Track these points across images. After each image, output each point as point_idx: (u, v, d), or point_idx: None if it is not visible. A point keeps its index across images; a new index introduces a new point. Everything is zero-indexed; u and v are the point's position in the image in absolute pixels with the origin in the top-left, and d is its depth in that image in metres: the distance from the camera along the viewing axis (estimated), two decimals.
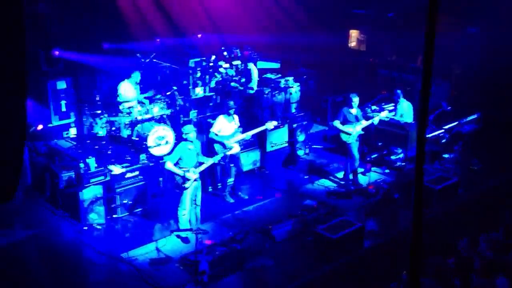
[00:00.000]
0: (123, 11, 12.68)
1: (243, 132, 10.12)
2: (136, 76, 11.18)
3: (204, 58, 13.20)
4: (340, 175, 11.18)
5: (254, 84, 12.72)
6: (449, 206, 9.89)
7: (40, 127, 10.80)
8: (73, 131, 11.38)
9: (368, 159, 11.44)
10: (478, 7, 13.10)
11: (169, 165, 8.72)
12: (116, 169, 9.47)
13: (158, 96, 11.28)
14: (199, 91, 12.89)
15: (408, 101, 11.81)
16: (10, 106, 2.81)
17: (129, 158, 9.96)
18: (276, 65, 14.77)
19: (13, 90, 2.81)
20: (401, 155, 11.83)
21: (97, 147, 10.10)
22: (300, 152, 12.02)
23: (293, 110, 12.97)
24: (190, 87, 12.65)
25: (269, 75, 13.52)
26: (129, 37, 12.52)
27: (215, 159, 9.18)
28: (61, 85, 11.65)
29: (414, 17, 12.73)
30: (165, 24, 13.35)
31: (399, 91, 11.80)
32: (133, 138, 10.32)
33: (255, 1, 14.59)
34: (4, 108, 2.79)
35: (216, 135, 9.89)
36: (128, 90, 11.11)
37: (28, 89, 2.95)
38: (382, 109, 11.97)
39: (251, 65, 12.81)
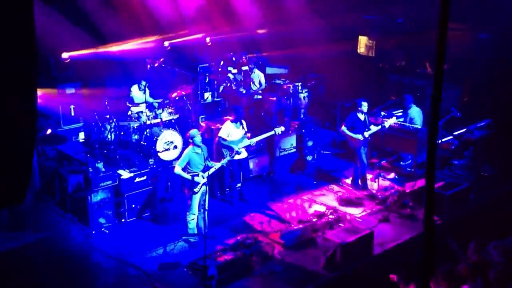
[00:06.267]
0: (130, 13, 12.70)
1: (251, 137, 10.09)
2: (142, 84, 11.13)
3: (213, 64, 13.22)
4: (349, 181, 11.12)
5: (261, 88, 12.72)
6: (460, 212, 9.79)
7: (49, 131, 10.84)
8: (81, 136, 11.42)
9: (377, 164, 11.38)
10: (489, 13, 13.02)
11: (178, 170, 8.73)
12: (125, 174, 9.48)
13: (167, 101, 11.29)
14: (207, 96, 12.90)
15: (417, 106, 11.76)
16: (21, 111, 2.82)
17: (137, 162, 9.97)
18: (284, 71, 14.75)
19: (24, 95, 2.82)
20: (410, 161, 11.77)
21: (105, 151, 10.13)
22: (309, 158, 11.97)
23: (302, 116, 12.93)
24: (199, 92, 12.68)
25: (277, 81, 13.50)
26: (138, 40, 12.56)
27: (223, 162, 9.19)
28: (70, 90, 11.72)
29: (424, 23, 12.70)
30: (175, 27, 13.36)
31: (409, 96, 11.75)
32: (142, 142, 10.34)
33: (265, 4, 14.57)
34: (15, 113, 2.80)
35: (225, 140, 9.89)
36: (137, 94, 11.16)
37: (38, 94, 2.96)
38: (391, 115, 11.91)
39: (257, 71, 12.82)
